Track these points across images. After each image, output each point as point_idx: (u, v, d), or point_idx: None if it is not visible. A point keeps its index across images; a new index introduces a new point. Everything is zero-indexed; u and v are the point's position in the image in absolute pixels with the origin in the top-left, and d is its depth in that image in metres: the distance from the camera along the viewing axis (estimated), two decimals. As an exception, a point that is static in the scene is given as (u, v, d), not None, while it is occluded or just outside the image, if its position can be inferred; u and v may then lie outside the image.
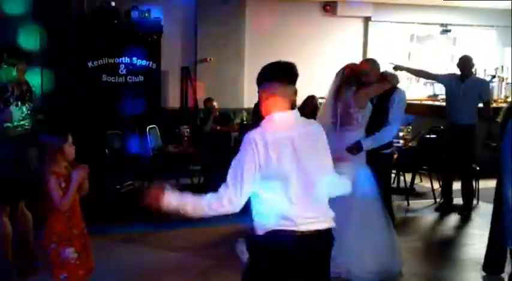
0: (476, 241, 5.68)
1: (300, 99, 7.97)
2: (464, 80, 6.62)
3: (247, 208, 2.67)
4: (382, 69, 4.96)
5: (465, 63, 6.71)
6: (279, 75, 2.66)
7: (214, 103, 7.89)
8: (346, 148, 4.50)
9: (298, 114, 2.72)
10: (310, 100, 7.65)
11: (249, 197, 2.62)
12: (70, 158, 3.45)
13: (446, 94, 6.92)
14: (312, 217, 2.61)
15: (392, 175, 7.34)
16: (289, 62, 2.70)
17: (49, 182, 3.33)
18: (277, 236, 2.58)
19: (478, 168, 6.97)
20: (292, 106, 2.71)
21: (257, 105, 7.18)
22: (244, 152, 2.55)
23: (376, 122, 4.75)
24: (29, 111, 4.42)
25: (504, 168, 3.42)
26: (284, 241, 2.57)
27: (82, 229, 3.53)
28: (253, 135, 2.56)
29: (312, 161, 2.63)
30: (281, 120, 2.64)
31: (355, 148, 4.55)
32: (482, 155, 6.89)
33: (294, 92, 2.64)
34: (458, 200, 6.84)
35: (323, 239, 2.67)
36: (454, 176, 6.85)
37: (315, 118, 4.39)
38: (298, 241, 2.58)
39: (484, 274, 4.78)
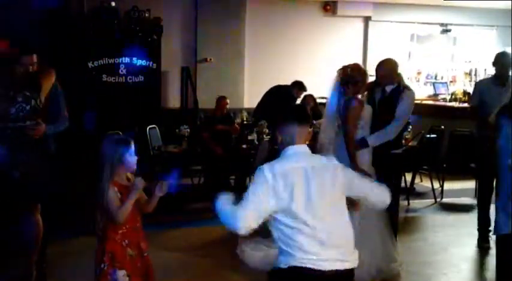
0: (476, 241, 5.68)
1: (298, 99, 7.99)
2: (505, 84, 5.38)
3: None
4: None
5: (505, 62, 5.40)
6: (296, 117, 2.80)
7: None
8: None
9: (309, 150, 2.81)
10: (309, 99, 7.65)
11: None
12: (132, 169, 3.22)
13: (481, 101, 5.52)
14: (333, 256, 2.62)
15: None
16: (301, 105, 2.87)
17: (108, 192, 3.05)
18: (297, 272, 2.61)
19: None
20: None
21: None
22: (256, 184, 2.66)
23: (384, 120, 4.73)
24: (36, 108, 4.13)
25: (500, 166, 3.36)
26: (304, 279, 2.62)
27: (140, 251, 3.21)
28: (263, 167, 2.67)
29: (328, 195, 2.67)
30: (294, 152, 2.74)
31: (360, 145, 4.54)
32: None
33: (309, 132, 2.83)
34: (460, 200, 6.82)
35: (343, 280, 2.68)
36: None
37: (313, 117, 4.41)
38: (317, 279, 2.60)
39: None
